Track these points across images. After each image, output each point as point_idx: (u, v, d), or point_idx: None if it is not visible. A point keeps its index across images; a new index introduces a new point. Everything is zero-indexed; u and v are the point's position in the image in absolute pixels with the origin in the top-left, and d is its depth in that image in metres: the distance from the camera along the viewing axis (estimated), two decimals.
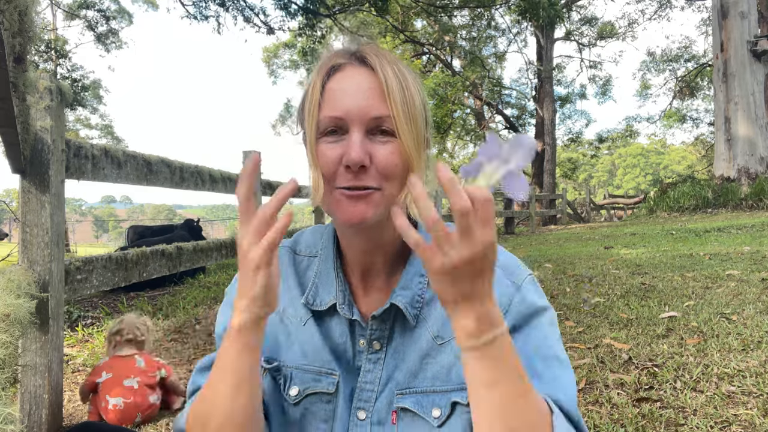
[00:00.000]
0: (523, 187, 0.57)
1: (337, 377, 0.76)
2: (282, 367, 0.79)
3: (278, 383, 0.79)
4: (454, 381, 0.72)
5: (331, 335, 0.79)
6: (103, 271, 2.10)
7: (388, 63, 0.72)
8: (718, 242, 6.36)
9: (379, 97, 0.70)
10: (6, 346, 1.05)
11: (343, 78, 0.72)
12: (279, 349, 0.80)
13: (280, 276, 0.82)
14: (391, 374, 0.75)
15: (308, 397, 0.77)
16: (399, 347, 0.76)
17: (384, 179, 0.70)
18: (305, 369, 0.78)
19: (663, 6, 21.96)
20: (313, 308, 0.79)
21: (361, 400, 0.75)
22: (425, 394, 0.73)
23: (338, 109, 0.70)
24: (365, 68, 0.72)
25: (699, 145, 28.70)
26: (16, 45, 1.10)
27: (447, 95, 15.98)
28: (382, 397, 0.75)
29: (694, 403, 1.87)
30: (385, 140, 0.70)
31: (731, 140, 11.90)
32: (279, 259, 0.82)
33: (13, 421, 0.73)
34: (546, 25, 13.91)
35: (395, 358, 0.76)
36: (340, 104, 0.70)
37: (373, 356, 0.76)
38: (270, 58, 23.31)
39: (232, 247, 3.61)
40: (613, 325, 2.93)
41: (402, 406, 0.73)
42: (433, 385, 0.73)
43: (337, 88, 0.71)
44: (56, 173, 1.80)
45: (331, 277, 0.80)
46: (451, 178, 0.53)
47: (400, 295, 0.75)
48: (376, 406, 0.75)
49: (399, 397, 0.74)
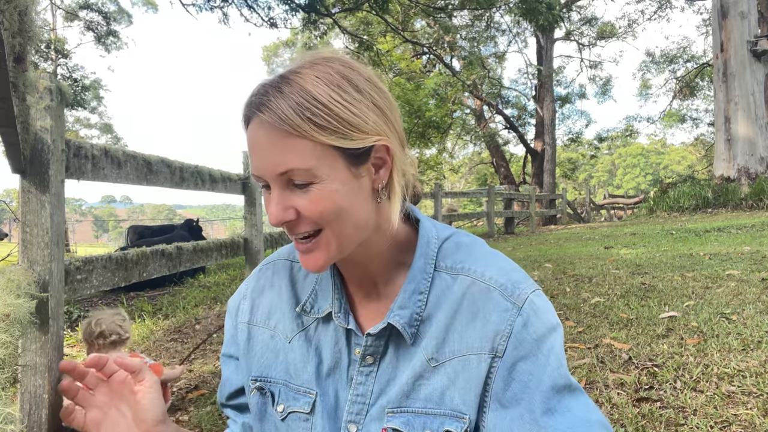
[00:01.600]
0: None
1: (314, 396, 0.76)
2: (270, 384, 0.80)
3: (267, 399, 0.81)
4: (447, 406, 0.70)
5: (322, 346, 0.79)
6: (103, 271, 2.10)
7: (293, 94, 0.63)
8: (718, 242, 6.36)
9: (280, 149, 0.63)
10: (6, 346, 1.05)
11: (250, 133, 0.66)
12: (269, 366, 0.81)
13: (273, 290, 0.85)
14: (383, 389, 0.73)
15: (290, 414, 0.78)
16: (392, 362, 0.74)
17: (319, 224, 0.67)
18: (289, 386, 0.79)
19: (663, 6, 21.96)
20: (310, 316, 0.80)
21: (352, 413, 0.74)
22: (416, 415, 0.70)
23: (255, 168, 0.67)
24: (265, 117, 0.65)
25: (699, 145, 28.70)
26: (16, 45, 1.10)
27: (447, 95, 15.97)
28: (373, 412, 0.73)
29: (694, 403, 1.87)
30: (304, 190, 0.65)
31: (731, 140, 11.89)
32: (274, 273, 0.86)
33: (13, 421, 0.73)
34: (546, 28, 13.91)
35: (387, 373, 0.74)
36: (255, 163, 0.66)
37: (365, 369, 0.75)
38: (270, 57, 23.32)
39: (232, 247, 3.61)
40: (613, 325, 2.93)
41: (393, 427, 0.71)
42: (425, 406, 0.71)
43: (249, 145, 0.67)
44: (56, 173, 1.80)
45: (329, 285, 0.79)
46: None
47: (398, 314, 0.72)
48: (367, 420, 0.73)
49: (390, 415, 0.71)
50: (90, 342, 2.23)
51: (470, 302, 0.71)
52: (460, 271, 0.74)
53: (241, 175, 3.82)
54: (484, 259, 0.75)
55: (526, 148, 20.50)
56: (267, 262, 0.89)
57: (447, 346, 0.71)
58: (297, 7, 9.75)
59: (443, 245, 0.77)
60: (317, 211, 0.66)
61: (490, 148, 21.67)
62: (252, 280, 0.88)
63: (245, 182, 3.84)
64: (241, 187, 3.83)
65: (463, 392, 0.69)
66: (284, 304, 0.83)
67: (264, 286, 0.86)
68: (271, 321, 0.83)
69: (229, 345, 0.89)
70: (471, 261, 0.74)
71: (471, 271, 0.73)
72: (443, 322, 0.71)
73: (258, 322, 0.84)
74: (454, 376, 0.70)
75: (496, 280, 0.72)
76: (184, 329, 3.59)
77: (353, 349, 0.76)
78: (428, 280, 0.73)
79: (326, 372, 0.77)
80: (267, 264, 0.89)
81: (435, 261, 0.75)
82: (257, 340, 0.83)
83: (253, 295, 0.86)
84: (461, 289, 0.72)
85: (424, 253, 0.75)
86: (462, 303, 0.71)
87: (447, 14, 13.36)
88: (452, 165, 29.25)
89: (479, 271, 0.73)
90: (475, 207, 22.11)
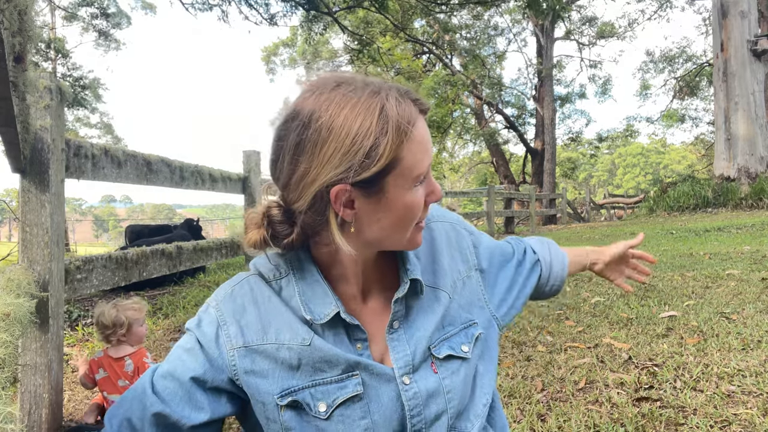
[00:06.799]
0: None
1: (359, 375, 0.80)
2: (296, 394, 0.78)
3: (302, 409, 0.78)
4: (458, 322, 0.88)
5: (335, 344, 0.81)
6: (103, 270, 2.09)
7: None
8: (718, 242, 6.36)
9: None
10: (6, 345, 1.05)
11: (423, 129, 0.77)
12: (284, 378, 0.79)
13: (258, 304, 0.83)
14: (418, 339, 0.83)
15: (339, 407, 0.78)
16: (415, 316, 0.85)
17: None
18: (323, 382, 0.78)
19: (663, 6, 21.94)
20: (314, 323, 0.80)
21: (400, 368, 0.81)
22: (448, 339, 0.86)
23: (426, 163, 0.77)
24: (423, 115, 0.79)
25: (699, 144, 28.68)
26: (16, 44, 1.10)
27: (447, 95, 15.96)
28: (417, 358, 0.83)
29: (694, 403, 1.87)
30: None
31: (731, 140, 11.89)
32: (251, 288, 0.85)
33: (13, 421, 0.73)
34: (549, 18, 13.79)
35: (414, 326, 0.84)
36: (428, 156, 0.77)
37: (395, 334, 0.83)
38: (269, 57, 23.31)
39: (231, 247, 3.61)
40: (613, 324, 2.93)
41: (441, 355, 0.84)
42: (451, 330, 0.87)
43: (426, 138, 0.77)
44: (56, 173, 1.79)
45: (321, 291, 0.81)
46: None
47: (413, 270, 0.85)
48: (415, 366, 0.82)
49: (435, 348, 0.84)
50: (105, 334, 2.15)
51: (448, 239, 0.94)
52: (428, 220, 0.93)
53: (241, 174, 3.82)
54: (435, 209, 0.97)
55: (526, 148, 20.49)
56: (236, 283, 0.86)
57: (451, 277, 0.90)
58: (297, 4, 9.74)
59: None
60: None
61: (490, 148, 21.65)
62: (226, 303, 0.84)
63: (245, 182, 3.84)
64: (241, 187, 3.82)
65: (466, 306, 0.91)
66: (283, 313, 0.81)
67: (244, 304, 0.82)
68: (268, 335, 0.80)
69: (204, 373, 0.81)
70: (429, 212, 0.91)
71: (437, 216, 0.96)
72: (443, 261, 0.91)
73: (254, 341, 0.80)
74: (458, 298, 0.90)
75: (453, 217, 0.99)
76: (184, 329, 3.60)
77: (355, 345, 0.82)
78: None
79: (356, 358, 0.81)
80: (238, 283, 0.86)
81: None
82: (260, 360, 0.80)
83: (236, 318, 0.82)
84: (440, 231, 0.94)
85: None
86: (444, 241, 0.93)
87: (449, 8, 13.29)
88: (452, 164, 29.24)
89: (441, 215, 0.97)
90: (475, 206, 22.09)
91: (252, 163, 3.86)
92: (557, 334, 2.87)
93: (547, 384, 2.21)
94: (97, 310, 2.17)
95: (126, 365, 2.13)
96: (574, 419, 1.85)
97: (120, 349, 2.16)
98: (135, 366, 2.14)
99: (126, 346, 2.18)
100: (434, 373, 0.83)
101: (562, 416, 1.90)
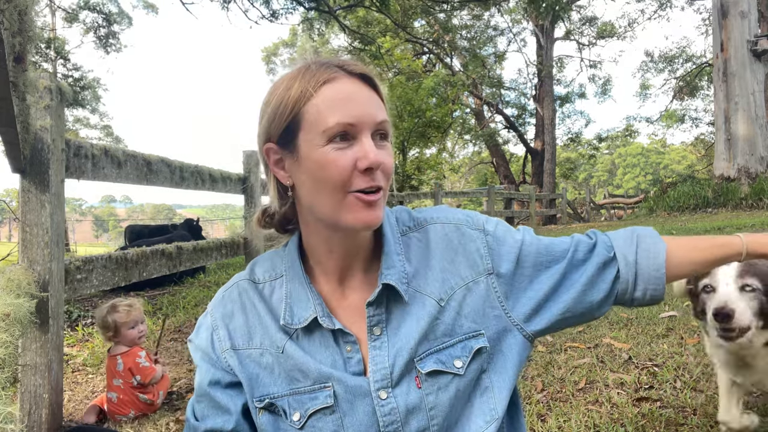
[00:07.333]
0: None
1: (331, 387, 0.78)
2: (275, 400, 0.80)
3: (279, 416, 0.80)
4: (458, 333, 0.81)
5: (314, 349, 0.81)
6: (103, 270, 2.10)
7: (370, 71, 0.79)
8: None
9: (377, 104, 0.77)
10: (6, 345, 1.05)
11: (344, 86, 0.75)
12: (268, 384, 0.81)
13: (245, 310, 0.85)
14: (399, 349, 0.79)
15: (311, 417, 0.78)
16: (399, 324, 0.80)
17: (386, 180, 0.77)
18: (298, 392, 0.79)
19: (663, 6, 21.94)
20: (292, 327, 0.81)
21: (377, 381, 0.78)
22: (440, 351, 0.80)
23: (351, 116, 0.73)
24: (356, 78, 0.77)
25: (699, 144, 28.67)
26: (16, 44, 1.10)
27: (447, 95, 15.95)
28: (396, 371, 0.78)
29: (694, 403, 1.88)
30: (384, 144, 0.77)
31: (731, 140, 11.89)
32: (240, 293, 0.87)
33: (13, 421, 0.73)
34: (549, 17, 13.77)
35: (397, 335, 0.80)
36: (352, 111, 0.73)
37: (377, 342, 0.80)
38: (269, 57, 23.33)
39: (231, 247, 3.62)
40: (613, 324, 2.93)
41: (427, 370, 0.79)
42: (443, 342, 0.80)
43: (340, 97, 0.74)
44: (56, 173, 1.79)
45: (304, 294, 0.82)
46: None
47: (388, 274, 0.80)
48: (393, 380, 0.78)
49: (419, 362, 0.79)
50: (106, 333, 2.25)
51: (448, 241, 0.85)
52: (425, 222, 0.87)
53: (241, 174, 3.82)
54: (436, 210, 0.89)
55: (526, 148, 20.49)
56: (227, 288, 0.89)
57: (446, 284, 0.82)
58: (298, 2, 9.73)
59: (397, 215, 0.88)
60: (391, 165, 0.77)
61: (490, 148, 21.64)
62: (218, 308, 0.87)
63: (245, 182, 3.84)
64: (241, 187, 3.83)
65: (471, 315, 0.82)
66: (264, 319, 0.83)
67: (233, 310, 0.86)
68: (254, 340, 0.83)
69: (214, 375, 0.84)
70: (428, 213, 0.88)
71: (436, 218, 0.87)
72: (435, 266, 0.83)
73: (241, 346, 0.83)
74: (459, 306, 0.82)
75: (459, 218, 0.87)
76: (184, 329, 3.59)
77: (344, 348, 0.80)
78: (400, 244, 0.84)
79: (329, 369, 0.79)
80: (228, 289, 0.88)
81: (398, 227, 0.86)
82: (248, 363, 0.82)
83: (225, 322, 0.85)
84: (438, 234, 0.86)
85: (388, 223, 0.85)
86: (441, 244, 0.85)
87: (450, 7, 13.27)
88: (452, 165, 29.22)
89: (443, 216, 0.87)
90: (475, 207, 22.09)
91: (252, 163, 3.86)
92: (557, 334, 2.87)
93: (547, 384, 2.21)
94: (97, 311, 2.26)
95: (118, 364, 2.20)
96: (574, 419, 1.85)
97: (116, 348, 2.25)
98: (126, 366, 2.19)
99: (121, 346, 2.25)
100: (417, 388, 0.78)
101: (562, 416, 1.90)
